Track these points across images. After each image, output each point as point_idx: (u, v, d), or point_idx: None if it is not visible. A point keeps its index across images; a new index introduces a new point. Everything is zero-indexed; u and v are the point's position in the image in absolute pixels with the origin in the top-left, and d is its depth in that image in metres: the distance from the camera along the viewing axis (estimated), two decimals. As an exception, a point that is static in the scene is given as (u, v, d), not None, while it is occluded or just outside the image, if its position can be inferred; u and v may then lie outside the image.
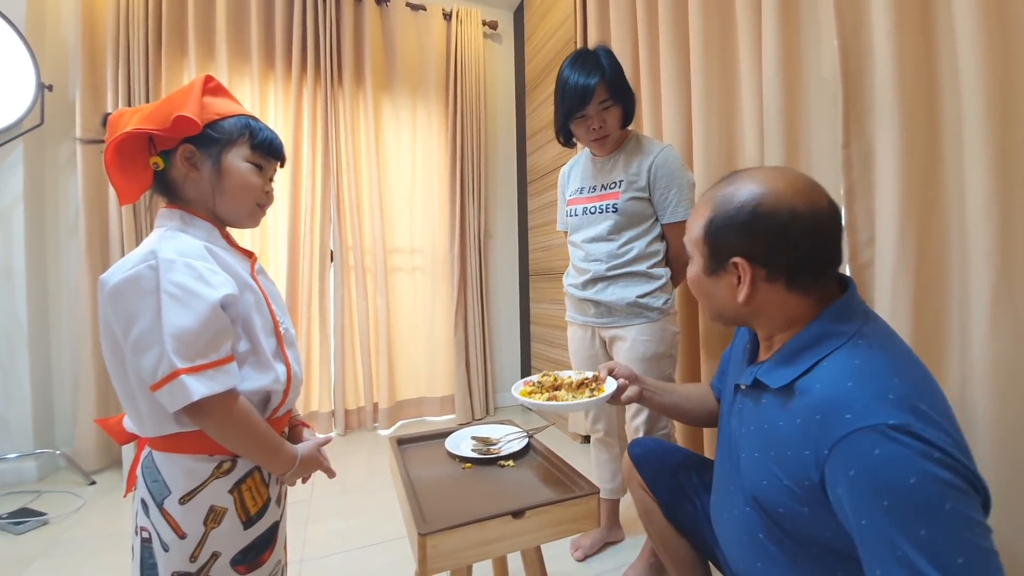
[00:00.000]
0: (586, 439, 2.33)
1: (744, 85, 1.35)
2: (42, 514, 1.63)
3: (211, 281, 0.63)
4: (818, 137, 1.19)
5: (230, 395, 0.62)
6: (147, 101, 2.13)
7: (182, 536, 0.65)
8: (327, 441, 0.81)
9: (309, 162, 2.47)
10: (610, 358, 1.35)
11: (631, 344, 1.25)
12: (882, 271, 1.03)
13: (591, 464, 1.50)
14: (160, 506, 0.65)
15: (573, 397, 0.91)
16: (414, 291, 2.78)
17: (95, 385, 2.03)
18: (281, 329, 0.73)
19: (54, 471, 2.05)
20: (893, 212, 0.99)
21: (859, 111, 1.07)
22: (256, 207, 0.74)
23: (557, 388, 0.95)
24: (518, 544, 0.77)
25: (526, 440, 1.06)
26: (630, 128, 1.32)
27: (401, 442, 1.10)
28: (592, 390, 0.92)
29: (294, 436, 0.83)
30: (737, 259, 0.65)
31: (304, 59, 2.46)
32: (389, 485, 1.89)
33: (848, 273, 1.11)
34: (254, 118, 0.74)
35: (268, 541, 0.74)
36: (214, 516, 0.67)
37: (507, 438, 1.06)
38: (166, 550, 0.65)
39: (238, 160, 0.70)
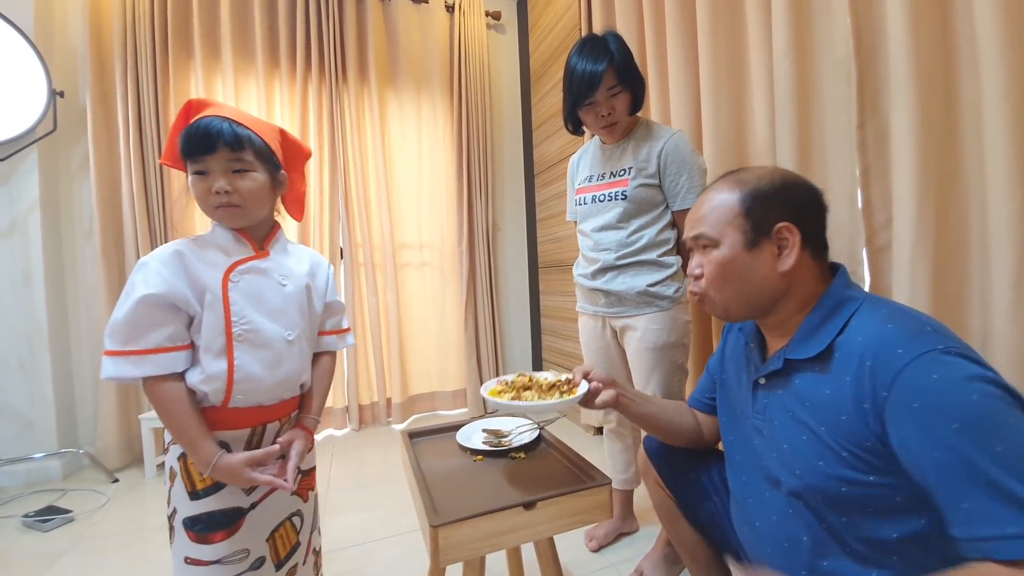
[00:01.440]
0: (599, 430, 2.32)
1: (754, 66, 1.32)
2: (68, 511, 1.68)
3: (148, 281, 0.71)
4: (832, 118, 1.16)
5: (152, 380, 0.71)
6: (156, 104, 2.16)
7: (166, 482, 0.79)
8: (265, 455, 0.76)
9: (316, 160, 2.47)
10: (622, 348, 1.34)
11: (642, 334, 1.24)
12: (900, 254, 1.00)
13: (604, 455, 1.49)
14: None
15: (539, 398, 0.85)
16: (424, 286, 2.79)
17: (115, 384, 2.08)
18: (236, 329, 0.75)
19: (78, 469, 2.10)
20: (910, 193, 0.96)
21: (874, 90, 1.04)
22: (215, 210, 0.76)
23: (527, 389, 0.89)
24: (530, 535, 0.77)
25: (537, 432, 1.06)
26: (639, 115, 1.30)
27: (413, 435, 1.11)
28: (563, 393, 0.86)
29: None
30: (783, 224, 0.67)
31: (308, 57, 2.46)
32: (404, 479, 1.91)
33: (865, 257, 1.09)
34: (194, 122, 0.74)
35: (222, 523, 0.76)
36: (171, 475, 0.78)
37: (518, 430, 1.06)
38: None
39: (190, 176, 0.76)
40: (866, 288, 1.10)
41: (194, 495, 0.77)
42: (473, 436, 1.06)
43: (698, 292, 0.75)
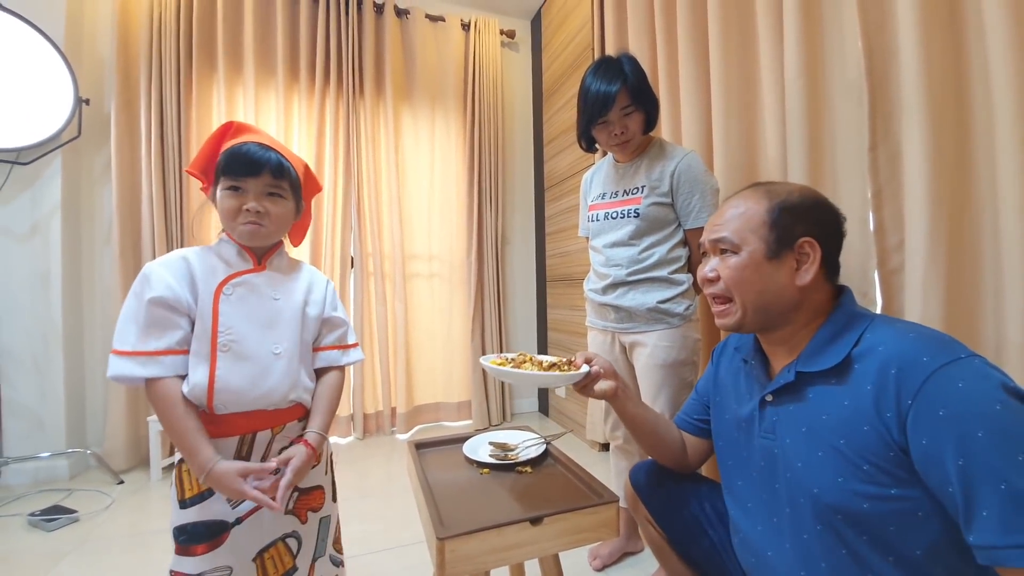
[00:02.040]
0: (604, 447, 2.30)
1: (765, 88, 1.33)
2: (73, 512, 1.68)
3: (152, 284, 0.75)
4: (843, 140, 1.17)
5: (156, 382, 0.73)
6: (178, 114, 2.22)
7: None
8: (261, 470, 0.75)
9: (331, 171, 2.52)
10: (631, 364, 1.34)
11: (651, 350, 1.24)
12: (912, 276, 0.99)
13: (610, 472, 1.48)
14: None
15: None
16: (432, 297, 2.80)
17: (125, 386, 2.10)
18: (221, 339, 0.76)
19: (85, 470, 2.12)
20: (923, 215, 0.96)
21: (885, 112, 1.05)
22: (241, 226, 0.80)
23: (528, 363, 0.89)
24: (536, 551, 0.76)
25: (544, 446, 1.05)
26: (653, 135, 1.31)
27: (419, 446, 1.11)
28: (562, 371, 0.85)
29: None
30: (807, 239, 0.68)
31: (327, 72, 2.52)
32: (407, 489, 1.90)
33: (877, 279, 1.08)
34: (240, 145, 0.79)
35: (204, 535, 0.75)
36: (171, 481, 0.80)
37: (525, 444, 1.06)
38: None
39: (221, 190, 0.80)
40: (878, 310, 1.09)
41: (182, 504, 0.77)
42: (480, 449, 1.06)
43: (717, 294, 0.74)
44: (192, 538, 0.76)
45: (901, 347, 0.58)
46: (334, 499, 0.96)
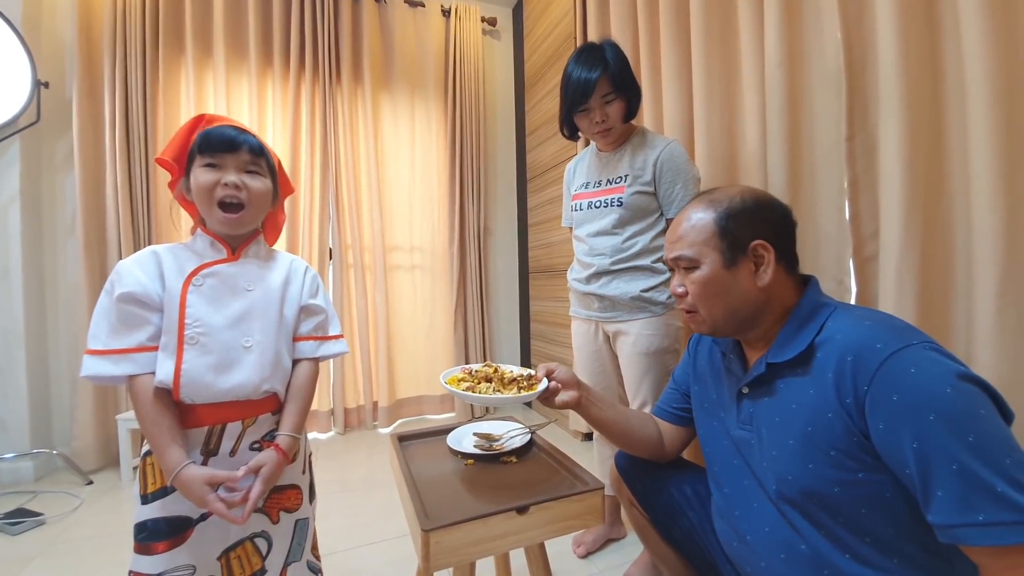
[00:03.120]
0: (587, 436, 2.32)
1: (746, 78, 1.34)
2: (39, 514, 1.62)
3: (123, 280, 0.73)
4: (821, 129, 1.18)
5: (132, 380, 0.72)
6: (144, 99, 2.12)
7: None
8: (229, 479, 0.71)
9: (308, 160, 2.45)
10: (614, 353, 1.34)
11: (635, 339, 1.25)
12: (886, 265, 1.02)
13: (593, 461, 1.49)
14: None
15: (495, 391, 0.86)
16: (413, 289, 2.77)
17: (92, 384, 2.02)
18: (188, 331, 0.74)
19: (51, 471, 2.03)
20: (897, 205, 0.98)
21: (863, 103, 1.07)
22: (218, 208, 0.77)
23: (488, 380, 0.90)
24: (522, 540, 0.76)
25: (529, 436, 1.05)
26: (635, 124, 1.31)
27: (402, 439, 1.09)
28: (521, 388, 0.86)
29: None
30: (758, 241, 0.70)
31: (302, 57, 2.44)
32: (389, 483, 1.88)
33: (852, 268, 1.11)
34: (217, 126, 0.78)
35: (165, 532, 0.73)
36: (134, 476, 0.74)
37: (509, 434, 1.05)
38: None
39: (197, 168, 0.78)
40: (852, 299, 1.12)
41: (143, 498, 0.74)
42: (464, 440, 1.05)
43: (687, 308, 0.77)
44: (152, 535, 0.73)
45: (857, 335, 0.60)
46: (311, 500, 0.91)
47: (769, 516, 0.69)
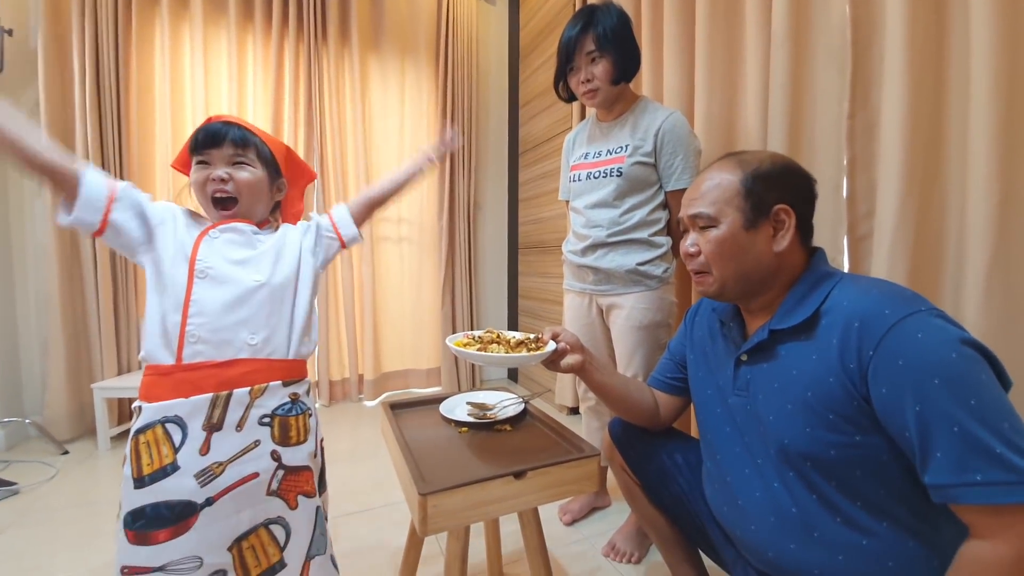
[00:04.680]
0: (573, 411, 2.35)
1: (749, 52, 1.32)
2: (12, 484, 1.57)
3: (155, 206, 0.76)
4: (823, 106, 1.18)
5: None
6: (116, 51, 1.99)
7: None
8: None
9: (291, 122, 2.36)
10: (606, 327, 1.35)
11: (628, 312, 1.25)
12: (880, 244, 1.03)
13: (582, 433, 1.50)
14: None
15: (506, 353, 0.86)
16: (401, 262, 2.72)
17: (65, 349, 1.95)
18: (198, 267, 0.73)
19: (24, 440, 1.97)
20: (894, 185, 0.99)
21: (866, 82, 1.06)
22: (211, 203, 0.79)
23: (495, 343, 0.90)
24: (518, 505, 0.76)
25: (522, 405, 1.05)
26: (637, 93, 1.29)
27: (394, 407, 1.08)
28: (530, 349, 0.86)
29: None
30: (782, 206, 0.70)
31: (285, 12, 2.32)
32: (374, 455, 1.88)
33: (846, 244, 1.12)
34: (208, 124, 0.79)
35: (167, 519, 0.64)
36: (124, 461, 0.67)
37: (503, 404, 1.05)
38: None
39: (192, 168, 0.80)
40: None
41: (139, 482, 0.65)
42: (457, 409, 1.04)
43: (696, 268, 0.76)
44: (152, 522, 0.64)
45: (865, 302, 0.61)
46: (321, 492, 0.82)
47: (760, 480, 0.70)
